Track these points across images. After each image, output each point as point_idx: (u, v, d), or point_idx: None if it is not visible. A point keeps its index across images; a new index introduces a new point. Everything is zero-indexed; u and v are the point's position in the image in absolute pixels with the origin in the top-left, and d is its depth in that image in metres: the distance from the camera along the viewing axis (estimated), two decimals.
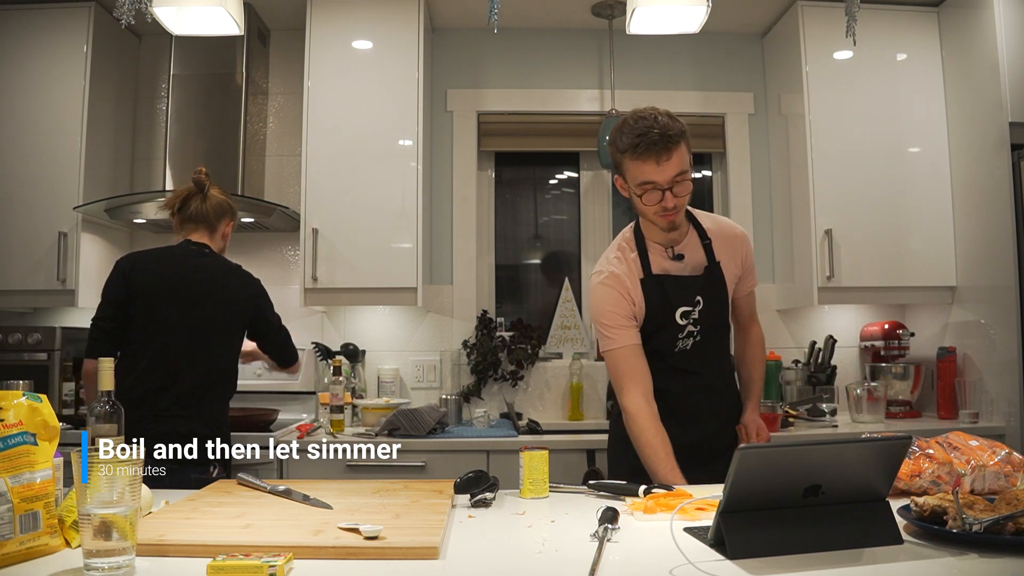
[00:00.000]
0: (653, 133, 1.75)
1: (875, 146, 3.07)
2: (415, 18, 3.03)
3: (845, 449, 1.25)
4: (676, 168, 1.79)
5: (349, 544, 1.17)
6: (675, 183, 1.80)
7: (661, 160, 1.77)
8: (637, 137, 1.77)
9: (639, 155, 1.78)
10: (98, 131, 3.09)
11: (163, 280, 2.26)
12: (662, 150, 1.76)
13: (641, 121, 1.78)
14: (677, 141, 1.78)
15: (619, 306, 1.92)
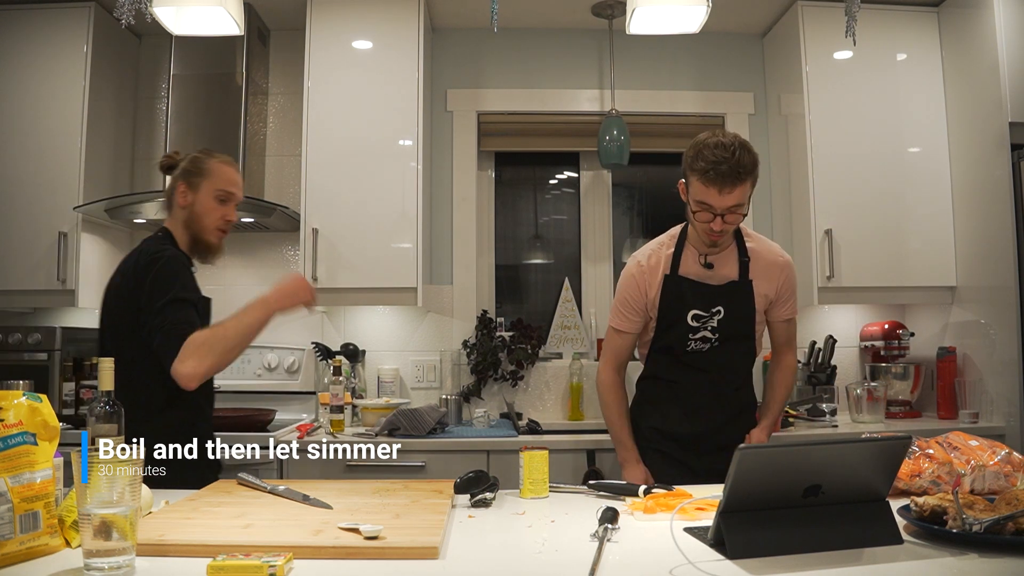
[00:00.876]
0: (725, 166, 1.86)
1: (875, 146, 3.07)
2: (415, 18, 3.03)
3: (845, 449, 1.25)
4: (735, 200, 1.90)
5: (349, 544, 1.17)
6: (729, 212, 1.92)
7: (724, 191, 1.88)
8: (712, 163, 1.87)
9: (707, 180, 1.89)
10: (98, 131, 3.09)
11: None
12: (727, 183, 1.87)
13: (720, 148, 1.87)
14: (745, 178, 1.89)
15: (632, 296, 2.12)
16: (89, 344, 3.24)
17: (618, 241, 3.61)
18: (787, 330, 2.22)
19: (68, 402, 2.96)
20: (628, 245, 3.66)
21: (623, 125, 3.22)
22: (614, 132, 3.20)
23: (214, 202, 2.03)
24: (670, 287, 2.07)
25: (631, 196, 3.72)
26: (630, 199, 3.72)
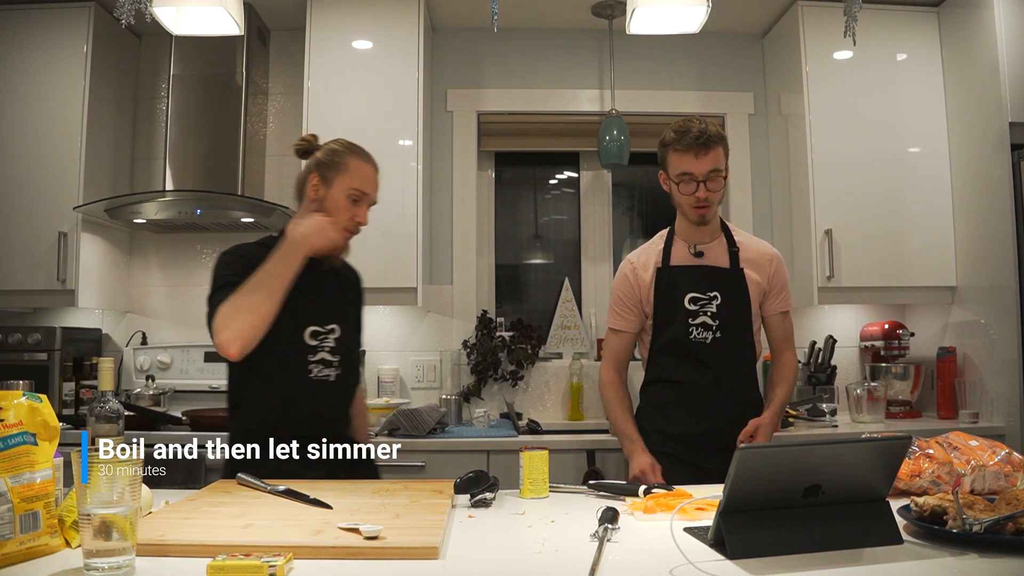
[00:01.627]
0: (694, 130, 2.04)
1: (875, 146, 3.07)
2: (415, 18, 3.03)
3: (845, 449, 1.25)
4: (711, 164, 2.04)
5: (349, 544, 1.17)
6: (709, 177, 2.05)
7: (699, 155, 2.03)
8: (681, 133, 2.05)
9: (680, 148, 2.05)
10: (98, 131, 3.09)
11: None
12: (701, 146, 2.03)
13: (687, 122, 2.07)
14: (715, 142, 2.05)
15: (626, 293, 2.19)
16: (89, 344, 3.24)
17: (618, 241, 3.61)
18: (783, 325, 2.22)
19: (68, 402, 2.97)
20: (628, 245, 3.66)
21: (623, 125, 3.22)
22: (614, 132, 3.20)
23: (346, 201, 1.89)
24: (662, 277, 2.14)
25: (631, 196, 3.72)
26: (630, 199, 3.72)
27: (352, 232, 1.93)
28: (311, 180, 1.91)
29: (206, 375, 3.19)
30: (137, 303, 3.38)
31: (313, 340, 1.88)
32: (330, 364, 1.90)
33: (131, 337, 3.32)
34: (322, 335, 1.90)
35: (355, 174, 1.90)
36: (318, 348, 1.89)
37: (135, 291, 3.38)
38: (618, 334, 2.22)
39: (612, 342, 2.25)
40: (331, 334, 1.92)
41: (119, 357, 3.27)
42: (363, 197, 1.91)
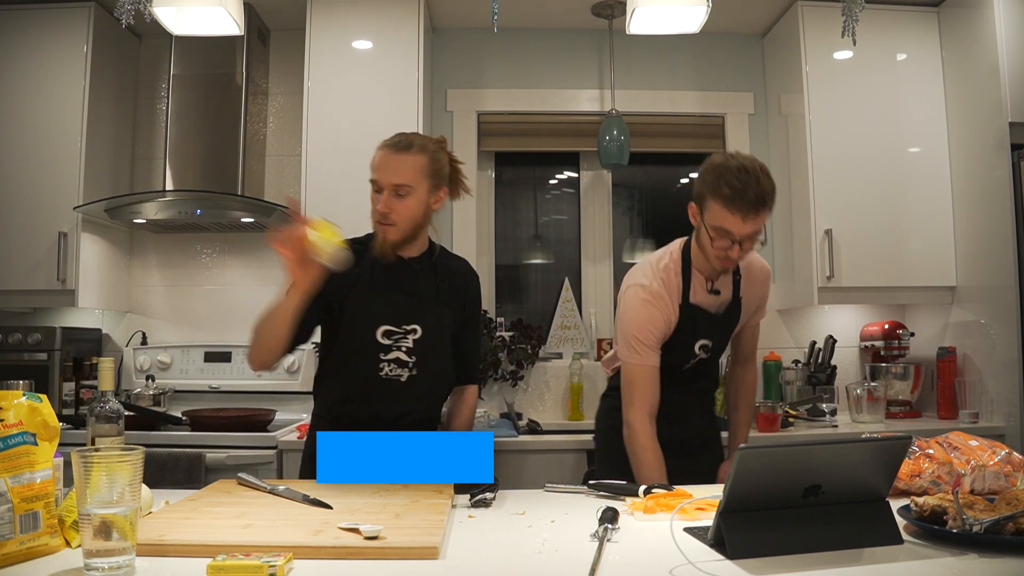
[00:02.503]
0: (751, 193, 1.79)
1: (875, 146, 3.07)
2: (415, 18, 3.03)
3: (845, 449, 1.25)
4: (755, 227, 1.84)
5: (349, 544, 1.17)
6: (747, 238, 1.85)
7: (747, 218, 1.81)
8: (736, 190, 1.79)
9: (730, 206, 1.80)
10: (98, 131, 3.09)
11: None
12: (751, 210, 1.80)
13: (744, 174, 1.80)
14: (769, 205, 1.82)
15: (656, 326, 1.95)
16: (89, 344, 3.24)
17: (618, 241, 3.61)
18: (755, 335, 2.22)
19: (68, 402, 2.97)
20: (628, 245, 3.66)
21: (623, 125, 3.22)
22: (614, 132, 3.20)
23: (372, 193, 1.91)
24: (686, 317, 1.98)
25: (631, 196, 3.72)
26: (630, 199, 3.72)
27: (381, 223, 1.89)
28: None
29: (206, 375, 3.19)
30: (137, 303, 3.39)
31: (387, 339, 1.88)
32: (404, 364, 1.89)
33: (131, 337, 3.32)
34: (397, 335, 1.89)
35: (372, 165, 1.90)
36: (392, 347, 1.88)
37: (135, 291, 3.39)
38: (652, 369, 1.95)
39: (646, 379, 1.94)
40: (410, 334, 1.90)
41: (119, 357, 3.27)
42: (376, 184, 1.90)
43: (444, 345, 1.97)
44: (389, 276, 1.91)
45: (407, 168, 1.87)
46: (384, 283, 1.90)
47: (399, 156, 1.88)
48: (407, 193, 1.88)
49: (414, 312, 1.91)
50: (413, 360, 1.90)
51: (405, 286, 1.92)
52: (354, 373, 1.89)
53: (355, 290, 1.88)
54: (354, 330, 1.87)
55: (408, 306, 1.91)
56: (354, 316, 1.87)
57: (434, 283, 1.96)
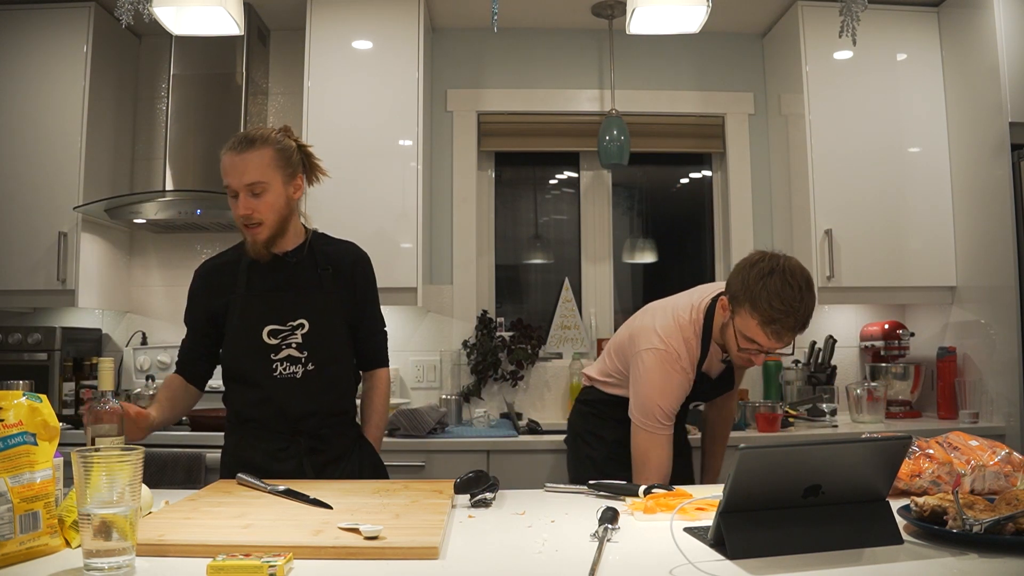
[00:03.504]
0: (792, 320, 1.74)
1: (875, 146, 3.07)
2: (415, 18, 3.03)
3: (845, 449, 1.25)
4: (788, 342, 1.80)
5: (349, 544, 1.17)
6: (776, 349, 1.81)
7: (783, 339, 1.77)
8: (778, 312, 1.72)
9: (766, 329, 1.75)
10: (98, 131, 3.09)
11: None
12: (788, 333, 1.76)
13: (787, 293, 1.72)
14: (804, 328, 1.78)
15: (682, 396, 1.93)
16: (89, 344, 3.24)
17: (618, 241, 3.61)
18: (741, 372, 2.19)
19: (68, 402, 2.97)
20: (628, 245, 3.66)
21: (623, 125, 3.22)
22: (614, 132, 3.20)
23: (230, 199, 1.87)
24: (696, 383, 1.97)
25: (631, 196, 3.72)
26: (630, 199, 3.72)
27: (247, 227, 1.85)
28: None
29: None
30: (137, 303, 3.39)
31: (273, 339, 1.86)
32: (297, 360, 1.86)
33: (131, 337, 3.32)
34: (284, 332, 1.87)
35: (222, 170, 1.86)
36: (281, 346, 1.86)
37: (135, 291, 3.39)
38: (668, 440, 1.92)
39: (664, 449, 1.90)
40: (298, 329, 1.87)
41: (119, 357, 3.27)
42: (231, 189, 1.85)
43: (337, 334, 1.92)
44: (266, 275, 1.90)
45: (254, 165, 1.83)
46: (262, 283, 1.89)
47: (244, 155, 1.83)
48: (263, 190, 1.83)
49: (297, 306, 1.88)
50: (305, 355, 1.86)
51: (284, 282, 1.90)
52: (250, 377, 1.88)
53: (234, 297, 1.89)
54: (240, 335, 1.87)
55: (290, 301, 1.88)
56: (237, 321, 1.88)
57: (315, 272, 1.92)
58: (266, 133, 1.87)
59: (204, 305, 1.92)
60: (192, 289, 1.96)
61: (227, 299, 1.89)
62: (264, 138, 1.85)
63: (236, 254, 1.95)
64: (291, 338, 1.87)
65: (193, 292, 1.95)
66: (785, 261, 1.78)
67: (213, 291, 1.91)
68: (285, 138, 1.89)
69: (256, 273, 1.90)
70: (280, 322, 1.87)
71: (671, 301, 2.04)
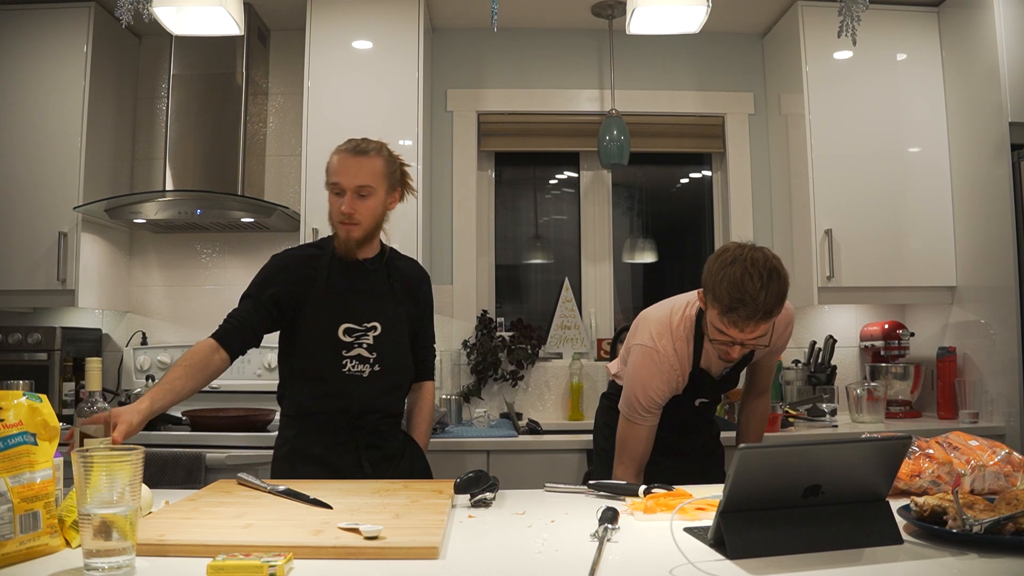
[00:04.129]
0: (747, 310, 1.69)
1: (875, 146, 3.07)
2: (415, 18, 3.03)
3: (845, 449, 1.25)
4: (759, 334, 1.76)
5: (349, 544, 1.17)
6: (750, 343, 1.78)
7: (746, 329, 1.74)
8: (735, 301, 1.69)
9: (724, 318, 1.74)
10: (98, 131, 3.09)
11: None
12: (750, 321, 1.72)
13: (745, 282, 1.68)
14: (769, 319, 1.73)
15: (669, 389, 1.95)
16: (89, 344, 3.25)
17: (618, 241, 3.61)
18: (771, 370, 2.22)
19: (68, 402, 2.97)
20: (628, 245, 3.66)
21: (623, 125, 3.22)
22: (614, 132, 3.20)
23: (332, 196, 1.96)
24: (694, 379, 1.98)
25: (631, 196, 3.72)
26: (630, 199, 3.72)
27: (344, 224, 1.94)
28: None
29: None
30: (137, 303, 3.39)
31: (348, 336, 1.95)
32: (366, 360, 1.95)
33: (131, 337, 3.32)
34: (358, 332, 1.96)
35: (330, 170, 1.96)
36: (353, 344, 1.95)
37: (135, 291, 3.39)
38: (645, 431, 1.95)
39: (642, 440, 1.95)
40: (370, 331, 1.97)
41: (119, 357, 3.27)
42: (338, 187, 1.94)
43: (402, 341, 2.04)
44: (346, 277, 1.99)
45: (367, 170, 1.94)
46: (342, 283, 1.98)
47: (359, 159, 1.94)
48: (368, 194, 1.94)
49: (372, 309, 1.98)
50: (374, 356, 1.96)
51: (362, 285, 2.00)
52: (319, 371, 1.95)
53: (313, 291, 1.96)
54: (317, 329, 1.94)
55: (367, 304, 1.98)
56: (315, 316, 1.95)
57: (388, 282, 2.04)
58: (378, 145, 1.98)
59: (279, 288, 1.95)
60: (269, 269, 2.00)
61: (305, 292, 1.95)
62: (378, 149, 1.97)
63: (318, 250, 2.03)
64: (363, 339, 1.96)
65: (270, 273, 1.99)
66: (751, 251, 1.74)
67: (292, 278, 1.96)
68: (391, 154, 2.01)
69: (337, 273, 1.98)
70: (356, 322, 1.95)
71: (674, 300, 2.06)
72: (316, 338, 1.94)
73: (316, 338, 1.94)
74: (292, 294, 1.95)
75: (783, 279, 1.72)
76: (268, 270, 2.00)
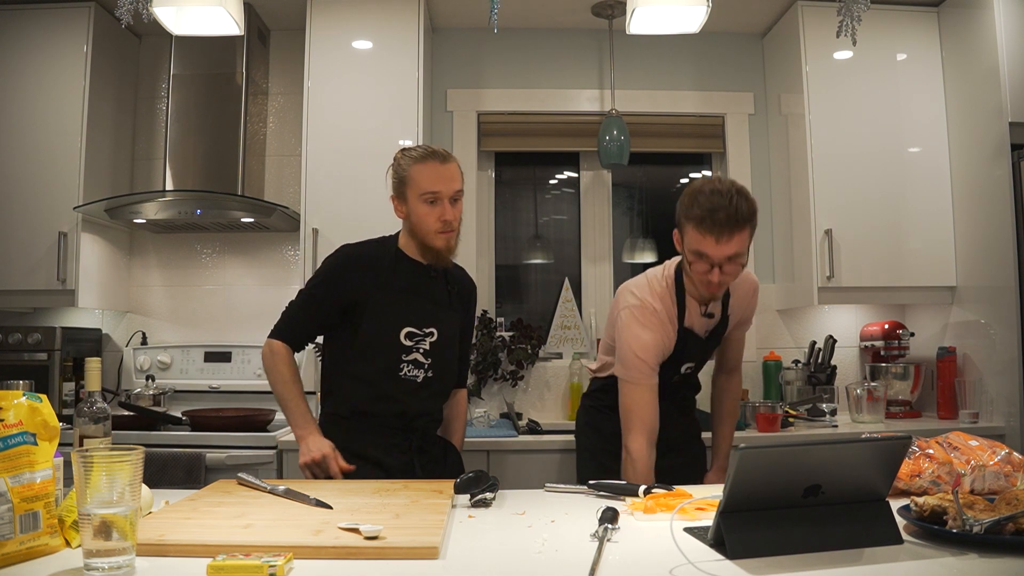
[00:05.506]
0: (721, 214, 1.76)
1: (875, 146, 3.07)
2: (415, 18, 3.03)
3: (845, 449, 1.25)
4: (733, 249, 1.80)
5: (349, 544, 1.17)
6: (728, 261, 1.82)
7: (721, 240, 1.78)
8: (708, 210, 1.77)
9: (703, 228, 1.78)
10: (98, 131, 3.09)
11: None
12: (724, 230, 1.77)
13: (716, 195, 1.77)
14: (743, 226, 1.78)
15: (661, 348, 1.95)
16: (89, 344, 3.25)
17: (618, 241, 3.61)
18: (740, 346, 2.23)
19: (68, 402, 2.97)
20: (628, 245, 3.66)
21: (623, 125, 3.22)
22: (614, 132, 3.20)
23: (425, 207, 1.94)
24: (681, 339, 1.99)
25: (631, 196, 3.72)
26: (630, 199, 3.72)
27: (446, 232, 1.96)
28: (393, 204, 2.01)
29: (206, 375, 3.19)
30: (137, 303, 3.39)
31: (408, 341, 1.94)
32: (421, 365, 1.96)
33: (131, 337, 3.32)
34: (418, 336, 1.96)
35: (419, 179, 1.94)
36: (412, 349, 1.95)
37: (135, 291, 3.39)
38: (654, 390, 1.92)
39: (647, 401, 1.90)
40: (428, 337, 1.97)
41: (119, 357, 3.27)
42: (436, 196, 1.94)
43: (453, 348, 2.06)
44: (410, 281, 1.98)
45: (458, 175, 1.99)
46: (406, 286, 1.97)
47: (449, 165, 1.98)
48: (459, 198, 1.99)
49: (433, 316, 1.99)
50: (429, 362, 1.97)
51: (424, 291, 2.00)
52: (375, 374, 1.93)
53: (377, 293, 1.93)
54: (379, 331, 1.93)
55: (428, 310, 1.98)
56: (378, 318, 1.93)
57: (445, 289, 2.05)
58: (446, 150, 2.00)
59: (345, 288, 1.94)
60: (335, 268, 1.97)
61: (369, 293, 1.92)
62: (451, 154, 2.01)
63: (380, 250, 2.00)
64: (421, 344, 1.96)
65: (335, 272, 1.97)
66: (716, 178, 1.89)
67: (358, 279, 1.94)
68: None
69: (401, 275, 1.97)
70: (417, 326, 1.95)
71: (649, 270, 2.12)
72: (377, 340, 1.93)
73: (377, 340, 1.93)
74: (356, 294, 1.93)
75: (750, 196, 1.82)
76: (333, 269, 1.97)
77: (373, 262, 1.96)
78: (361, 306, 1.92)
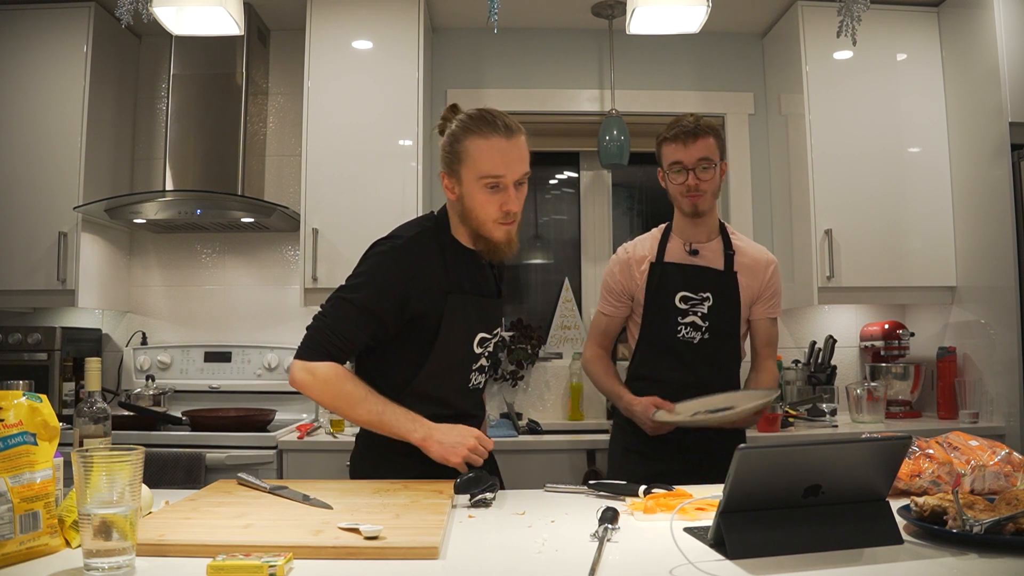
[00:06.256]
0: (686, 123, 2.07)
1: (875, 146, 3.07)
2: (415, 18, 3.03)
3: (845, 449, 1.25)
4: (701, 152, 2.05)
5: (349, 544, 1.17)
6: (699, 166, 2.05)
7: (688, 143, 2.05)
8: (672, 125, 2.09)
9: (671, 138, 2.08)
10: (98, 131, 3.09)
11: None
12: (690, 135, 2.05)
13: (680, 117, 2.11)
14: (705, 133, 2.06)
15: (618, 281, 2.19)
16: (89, 344, 3.25)
17: (618, 241, 3.60)
18: (770, 330, 2.20)
19: (68, 402, 2.97)
20: None
21: (623, 125, 3.22)
22: (614, 132, 3.20)
23: (483, 192, 1.57)
24: (656, 272, 2.13)
25: (631, 196, 3.72)
26: (630, 199, 3.72)
27: (507, 224, 1.60)
28: (443, 181, 1.63)
29: (206, 375, 3.19)
30: (137, 303, 3.39)
31: (479, 348, 1.71)
32: (484, 370, 1.76)
33: (131, 337, 3.32)
34: (487, 341, 1.72)
35: (480, 159, 1.55)
36: (480, 356, 1.72)
37: (135, 291, 3.39)
38: (606, 317, 2.25)
39: (600, 322, 2.27)
40: (494, 339, 1.75)
41: (119, 357, 3.27)
42: (501, 180, 1.56)
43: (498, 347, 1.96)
44: (471, 277, 1.65)
45: (526, 153, 1.57)
46: (471, 287, 1.65)
47: (515, 140, 1.56)
48: (525, 181, 1.59)
49: (497, 315, 1.74)
50: (489, 364, 1.77)
51: (485, 287, 1.71)
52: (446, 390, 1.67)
53: (447, 299, 1.60)
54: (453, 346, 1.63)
55: (492, 309, 1.72)
56: (451, 330, 1.62)
57: (493, 278, 1.76)
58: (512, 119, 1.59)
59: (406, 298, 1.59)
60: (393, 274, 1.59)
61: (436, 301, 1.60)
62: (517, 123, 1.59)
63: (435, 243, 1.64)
64: (487, 347, 1.72)
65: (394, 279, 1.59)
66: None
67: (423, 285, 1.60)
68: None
69: (463, 273, 1.65)
70: (487, 331, 1.70)
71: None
72: (450, 355, 1.63)
73: (450, 355, 1.63)
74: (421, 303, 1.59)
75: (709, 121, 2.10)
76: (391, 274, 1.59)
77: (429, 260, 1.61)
78: (427, 318, 1.59)
